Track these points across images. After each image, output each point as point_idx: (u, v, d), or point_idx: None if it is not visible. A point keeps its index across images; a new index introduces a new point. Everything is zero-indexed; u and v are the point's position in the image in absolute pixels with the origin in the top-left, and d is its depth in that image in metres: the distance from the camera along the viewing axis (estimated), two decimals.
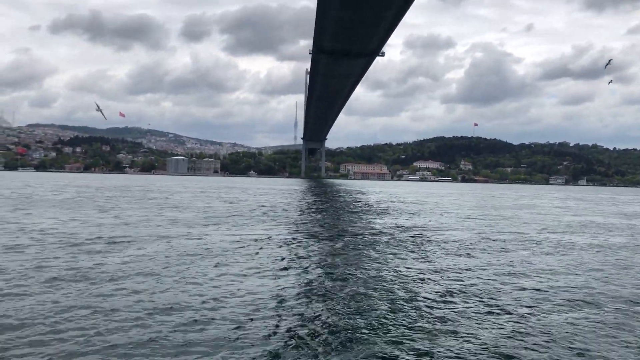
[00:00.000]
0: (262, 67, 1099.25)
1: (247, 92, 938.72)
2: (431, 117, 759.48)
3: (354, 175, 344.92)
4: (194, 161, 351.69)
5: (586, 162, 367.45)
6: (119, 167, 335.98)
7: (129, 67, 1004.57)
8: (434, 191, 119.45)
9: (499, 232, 28.93)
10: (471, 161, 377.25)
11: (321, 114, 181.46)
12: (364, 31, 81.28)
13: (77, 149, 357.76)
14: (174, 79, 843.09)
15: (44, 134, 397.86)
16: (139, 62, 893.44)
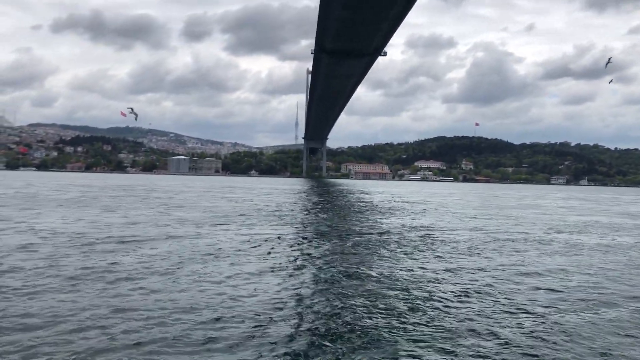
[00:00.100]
0: (263, 66, 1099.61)
1: (248, 92, 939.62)
2: (432, 116, 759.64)
3: (355, 175, 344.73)
4: (195, 161, 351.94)
5: (587, 162, 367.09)
6: (120, 167, 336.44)
7: (130, 66, 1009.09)
8: (437, 191, 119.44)
9: (506, 232, 28.97)
10: (472, 161, 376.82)
11: (322, 114, 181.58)
12: (366, 31, 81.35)
13: (79, 149, 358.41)
14: (175, 78, 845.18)
15: (45, 133, 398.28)
16: (140, 61, 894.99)
